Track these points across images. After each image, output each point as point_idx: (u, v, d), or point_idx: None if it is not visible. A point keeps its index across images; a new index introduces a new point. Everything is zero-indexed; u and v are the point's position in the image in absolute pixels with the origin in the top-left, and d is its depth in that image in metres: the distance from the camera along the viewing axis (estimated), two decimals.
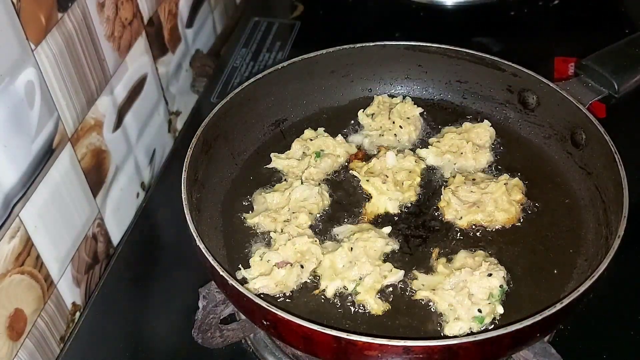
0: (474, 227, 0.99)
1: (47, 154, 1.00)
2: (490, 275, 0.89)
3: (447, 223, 1.00)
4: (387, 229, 0.98)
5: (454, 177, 1.05)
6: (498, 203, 0.99)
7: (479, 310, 0.87)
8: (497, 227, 0.99)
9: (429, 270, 0.94)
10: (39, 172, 0.98)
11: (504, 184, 1.01)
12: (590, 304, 0.87)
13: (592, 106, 1.07)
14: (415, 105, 1.14)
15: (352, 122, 1.15)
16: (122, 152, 1.23)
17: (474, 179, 1.04)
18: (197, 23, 1.51)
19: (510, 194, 1.00)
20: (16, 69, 0.91)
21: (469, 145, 1.07)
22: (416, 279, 0.93)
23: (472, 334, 0.78)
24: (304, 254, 0.94)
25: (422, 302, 0.91)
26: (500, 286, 0.89)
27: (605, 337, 0.99)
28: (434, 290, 0.91)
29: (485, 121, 1.11)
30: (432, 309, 0.90)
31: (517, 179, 1.04)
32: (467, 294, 0.88)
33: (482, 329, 0.87)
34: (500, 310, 0.88)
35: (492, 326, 0.88)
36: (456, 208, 1.00)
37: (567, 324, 0.99)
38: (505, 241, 0.98)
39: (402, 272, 0.93)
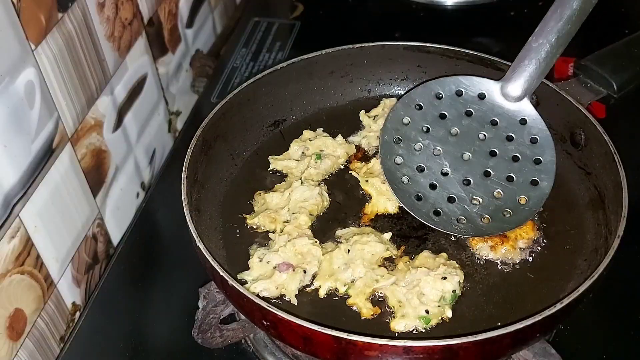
0: None
1: (47, 154, 1.00)
2: (444, 278, 0.89)
3: None
4: (388, 235, 0.98)
5: None
6: None
7: (427, 311, 0.87)
8: None
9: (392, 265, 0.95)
10: (39, 172, 0.98)
11: None
12: (590, 304, 0.87)
13: (592, 106, 1.07)
14: None
15: (352, 122, 1.15)
16: (122, 152, 1.23)
17: None
18: (197, 23, 1.51)
19: None
20: (16, 69, 0.91)
21: None
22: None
23: (472, 334, 0.77)
24: (305, 255, 0.94)
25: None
26: (453, 291, 0.89)
27: (605, 337, 0.99)
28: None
29: None
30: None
31: None
32: (417, 293, 0.88)
33: (426, 329, 0.87)
34: (449, 314, 0.88)
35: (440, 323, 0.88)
36: None
37: (567, 324, 0.99)
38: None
39: (394, 278, 0.92)
